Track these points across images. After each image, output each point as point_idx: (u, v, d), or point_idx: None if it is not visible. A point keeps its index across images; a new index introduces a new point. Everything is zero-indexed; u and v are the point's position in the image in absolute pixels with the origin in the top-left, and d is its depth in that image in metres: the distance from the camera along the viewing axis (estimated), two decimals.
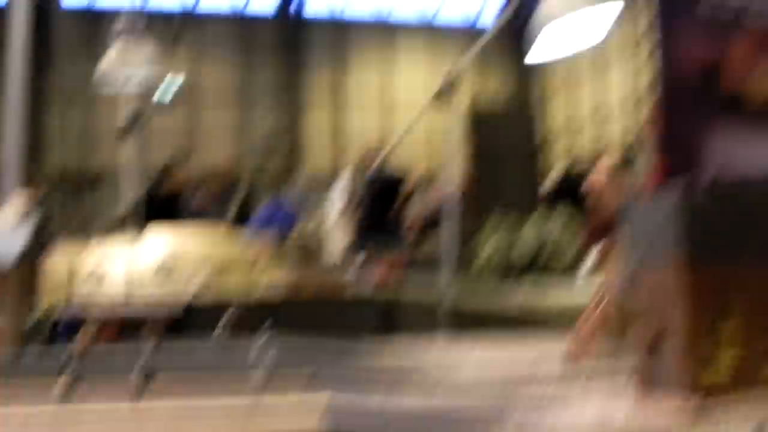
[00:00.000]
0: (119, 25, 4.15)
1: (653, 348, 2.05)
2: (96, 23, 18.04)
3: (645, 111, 18.24)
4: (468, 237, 5.86)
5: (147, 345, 1.88)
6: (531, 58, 2.83)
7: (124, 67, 4.06)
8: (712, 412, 1.78)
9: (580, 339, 2.61)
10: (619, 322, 2.47)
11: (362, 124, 21.57)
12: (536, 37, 3.49)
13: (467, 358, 2.41)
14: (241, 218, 10.04)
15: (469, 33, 23.04)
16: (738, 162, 6.86)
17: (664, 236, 1.89)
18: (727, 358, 1.91)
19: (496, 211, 5.99)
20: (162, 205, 9.13)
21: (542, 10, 2.63)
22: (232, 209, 10.03)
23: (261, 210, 9.80)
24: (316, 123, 21.61)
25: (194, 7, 21.27)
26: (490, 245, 5.14)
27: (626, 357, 2.29)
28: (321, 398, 1.61)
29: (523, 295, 4.04)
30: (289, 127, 21.33)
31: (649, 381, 1.98)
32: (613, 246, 4.09)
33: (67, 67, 17.60)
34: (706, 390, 1.88)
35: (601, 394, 2.10)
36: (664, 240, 1.88)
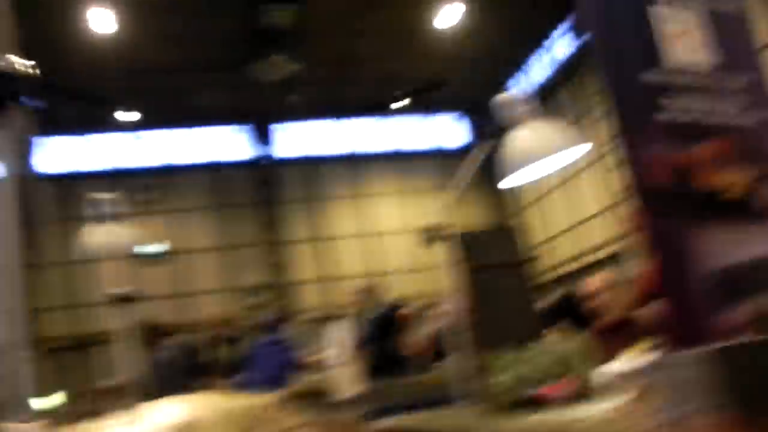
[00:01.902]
0: (95, 201, 4.24)
1: None
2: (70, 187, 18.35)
3: (622, 215, 18.70)
4: (473, 364, 5.90)
5: None
6: (503, 185, 3.00)
7: (106, 239, 4.12)
8: None
9: None
10: None
11: (344, 257, 21.83)
12: (505, 167, 3.63)
13: None
14: (238, 368, 9.94)
15: (437, 158, 23.90)
16: (722, 254, 7.06)
17: (703, 387, 1.83)
18: None
19: (497, 335, 6.06)
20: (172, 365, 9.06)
21: (508, 151, 2.81)
22: (230, 358, 9.95)
23: (256, 345, 9.54)
24: (300, 259, 21.80)
25: (170, 164, 21.84)
26: (499, 371, 5.17)
27: None
28: None
29: (550, 419, 3.99)
30: (274, 270, 21.47)
31: None
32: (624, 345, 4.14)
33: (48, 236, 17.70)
34: None
35: None
36: (702, 391, 1.82)
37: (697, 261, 6.05)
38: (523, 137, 2.88)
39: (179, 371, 8.13)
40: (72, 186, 18.55)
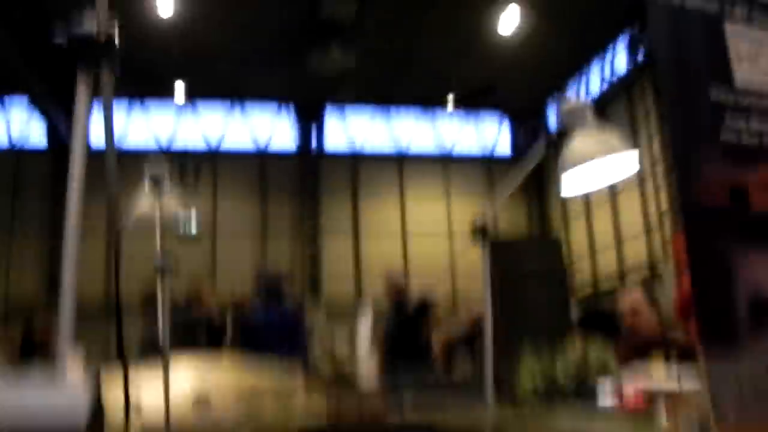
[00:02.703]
0: (148, 169, 4.30)
1: None
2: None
3: (666, 232, 18.34)
4: (500, 363, 5.85)
5: None
6: (565, 191, 2.97)
7: (155, 210, 4.16)
8: None
9: None
10: None
11: (382, 253, 21.83)
12: (562, 173, 3.63)
13: None
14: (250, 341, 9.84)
15: (482, 162, 23.82)
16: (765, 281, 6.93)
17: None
18: None
19: (526, 338, 6.02)
20: (187, 331, 9.05)
21: (564, 155, 2.79)
22: (243, 330, 9.88)
23: (266, 316, 9.22)
24: (334, 251, 21.86)
25: (217, 146, 22.11)
26: (526, 372, 5.16)
27: None
28: None
29: (570, 422, 4.01)
30: (308, 256, 21.56)
31: None
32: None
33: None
34: None
35: None
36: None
37: (739, 284, 5.98)
38: (588, 143, 2.83)
39: (195, 339, 8.18)
40: (122, 159, 18.84)
